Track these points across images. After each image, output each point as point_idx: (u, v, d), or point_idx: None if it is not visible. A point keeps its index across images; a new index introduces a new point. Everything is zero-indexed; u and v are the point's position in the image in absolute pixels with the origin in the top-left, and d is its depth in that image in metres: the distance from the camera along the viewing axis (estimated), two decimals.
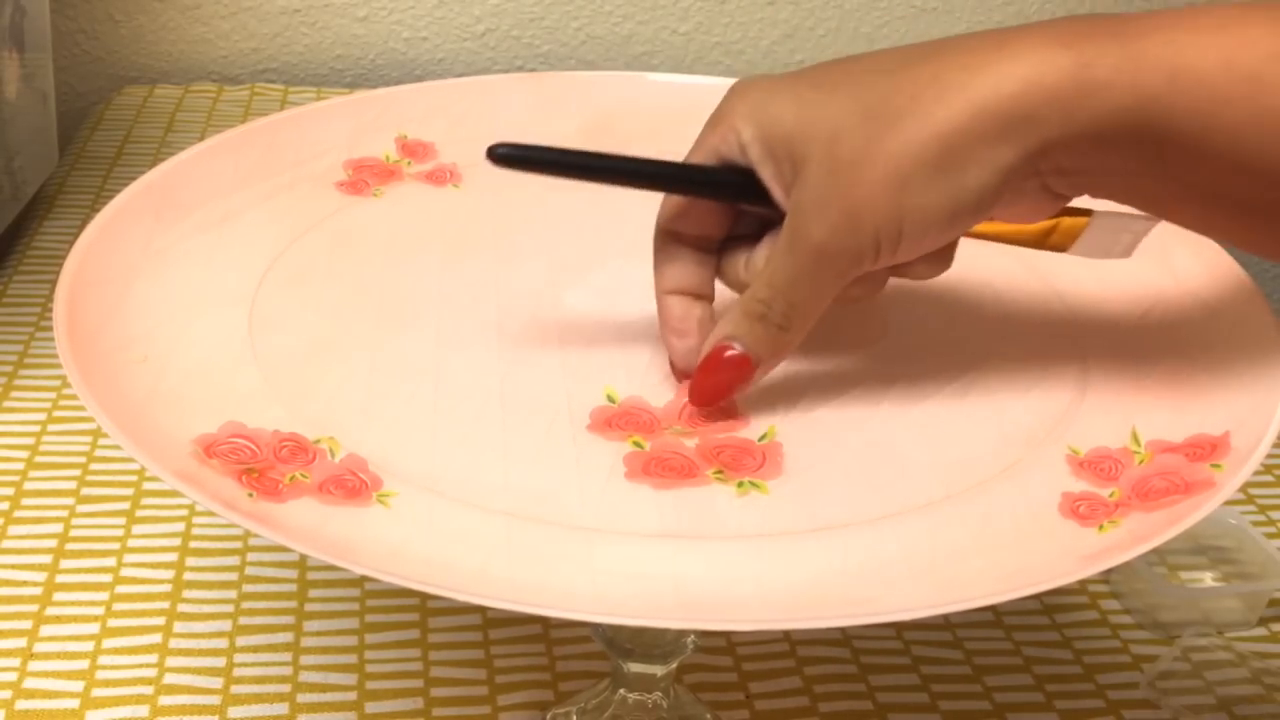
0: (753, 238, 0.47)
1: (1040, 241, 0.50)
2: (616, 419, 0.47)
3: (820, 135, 0.42)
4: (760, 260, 0.46)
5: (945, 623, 0.63)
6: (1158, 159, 0.42)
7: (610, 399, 0.47)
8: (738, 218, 0.48)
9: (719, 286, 0.49)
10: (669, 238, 0.48)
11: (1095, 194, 0.44)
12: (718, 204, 0.47)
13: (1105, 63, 0.41)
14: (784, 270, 0.44)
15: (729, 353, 0.45)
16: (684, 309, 0.48)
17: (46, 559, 0.62)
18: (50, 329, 0.69)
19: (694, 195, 0.47)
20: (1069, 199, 0.44)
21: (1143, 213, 0.45)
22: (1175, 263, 0.55)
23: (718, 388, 0.46)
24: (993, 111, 0.41)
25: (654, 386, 0.49)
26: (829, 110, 0.43)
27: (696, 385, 0.46)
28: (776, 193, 0.45)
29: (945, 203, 0.42)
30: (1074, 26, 0.42)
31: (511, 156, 0.45)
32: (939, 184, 0.41)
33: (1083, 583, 0.66)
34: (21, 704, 0.55)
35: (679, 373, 0.48)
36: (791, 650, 0.61)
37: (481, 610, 0.61)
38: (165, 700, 0.56)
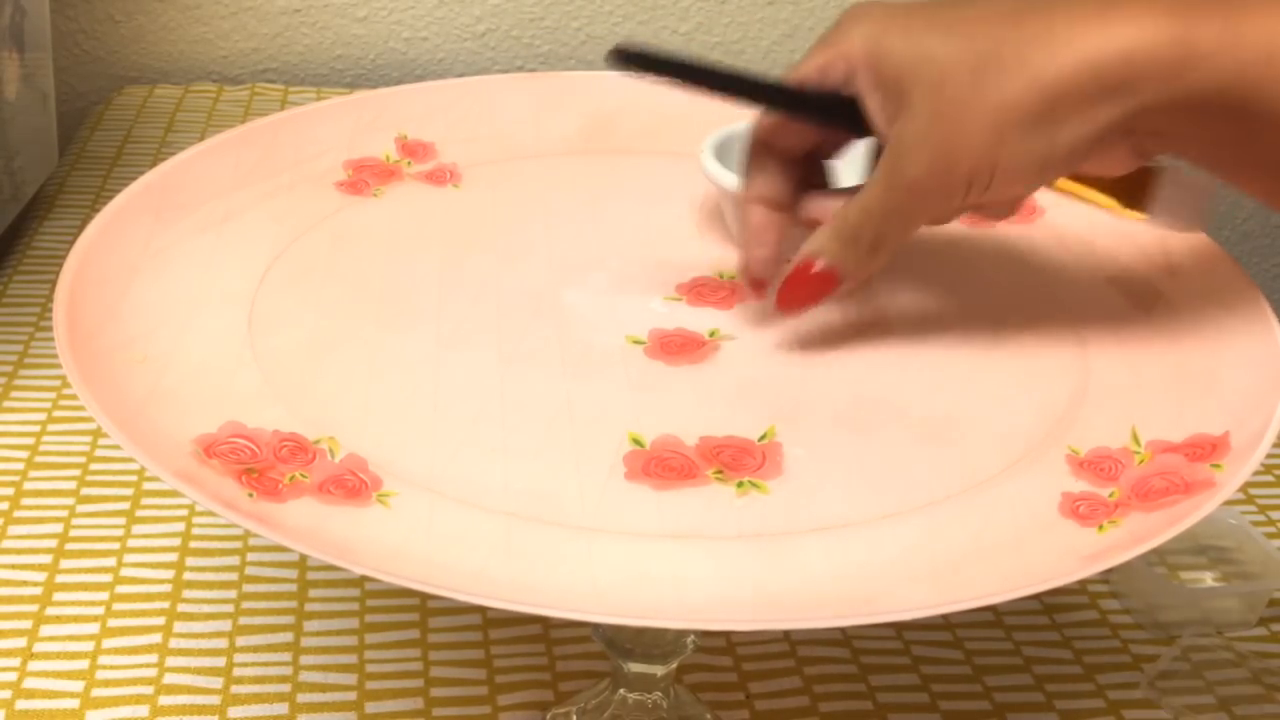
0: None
1: (1121, 197, 0.51)
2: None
3: (929, 77, 0.44)
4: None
5: (945, 623, 0.63)
6: (1247, 133, 0.43)
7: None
8: (828, 136, 0.50)
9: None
10: (761, 148, 0.50)
11: (1179, 156, 0.46)
12: (815, 124, 0.49)
13: (1208, 35, 0.42)
14: (879, 200, 0.46)
15: (817, 267, 0.48)
16: (764, 219, 0.50)
17: (46, 559, 0.62)
18: (50, 329, 0.69)
19: (799, 116, 0.49)
20: (1153, 157, 0.46)
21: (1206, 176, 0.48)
22: (1175, 263, 0.55)
23: (805, 298, 0.49)
24: (1096, 72, 0.43)
25: (654, 386, 0.49)
26: (940, 52, 0.44)
27: (784, 293, 0.49)
28: (878, 122, 0.46)
29: (1040, 154, 0.44)
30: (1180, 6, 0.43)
31: (632, 57, 0.47)
32: (1036, 136, 0.43)
33: (1083, 583, 0.66)
34: (21, 704, 0.55)
35: (752, 281, 0.51)
36: (791, 650, 0.61)
37: (481, 610, 0.61)
38: (165, 700, 0.56)
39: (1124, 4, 0.43)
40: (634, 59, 0.47)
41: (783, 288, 0.49)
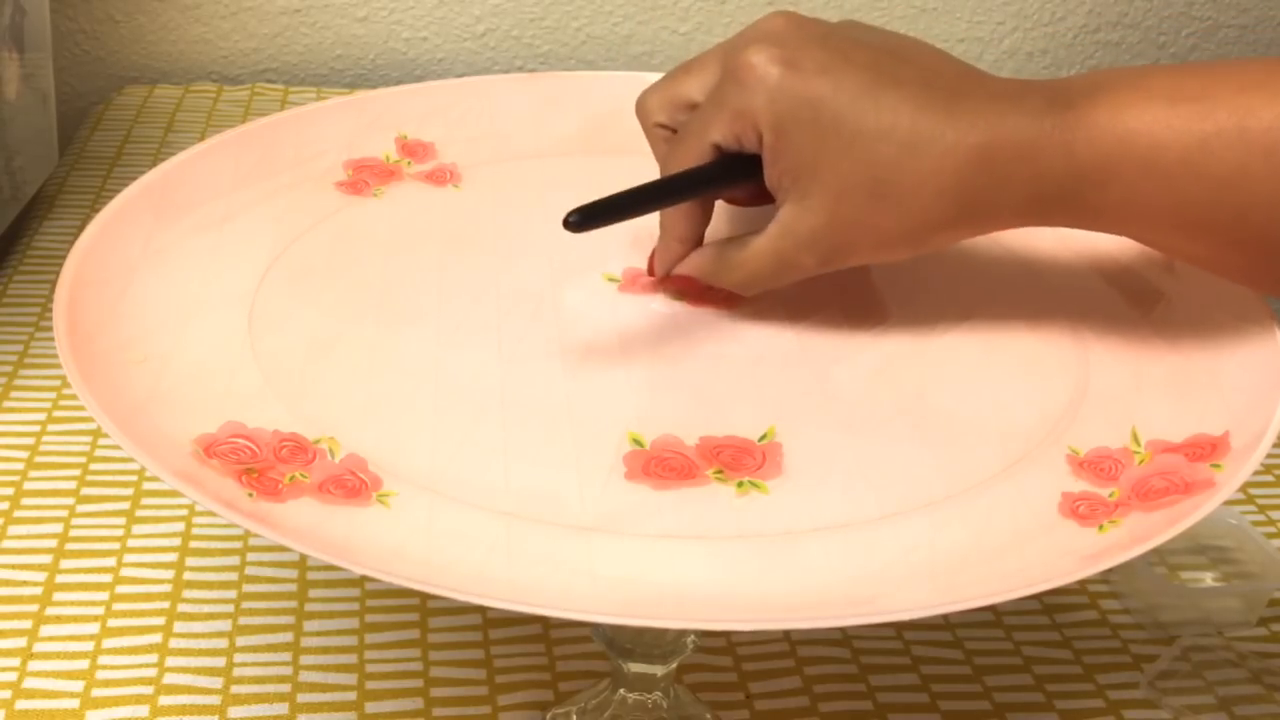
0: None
1: None
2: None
3: (830, 186, 0.48)
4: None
5: (945, 623, 0.63)
6: (1095, 221, 0.48)
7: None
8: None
9: None
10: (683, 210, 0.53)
11: None
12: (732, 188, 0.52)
13: (1051, 137, 0.46)
14: (765, 260, 0.50)
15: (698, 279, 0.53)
16: (681, 250, 0.53)
17: (46, 559, 0.62)
18: (50, 329, 0.69)
19: (720, 191, 0.52)
20: None
21: None
22: (1176, 263, 0.55)
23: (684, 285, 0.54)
24: (955, 198, 0.47)
25: (655, 385, 0.49)
26: (843, 165, 0.47)
27: (673, 281, 0.54)
28: (773, 183, 0.49)
29: (909, 255, 0.50)
30: (1022, 95, 0.47)
31: (587, 217, 0.49)
32: (911, 249, 0.49)
33: (1083, 583, 0.66)
34: (21, 704, 0.55)
35: (653, 268, 0.53)
36: (791, 650, 0.61)
37: (481, 610, 0.61)
38: (165, 700, 0.56)
39: (971, 115, 0.47)
40: (590, 217, 0.49)
41: (674, 279, 0.53)
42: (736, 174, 0.50)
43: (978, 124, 0.46)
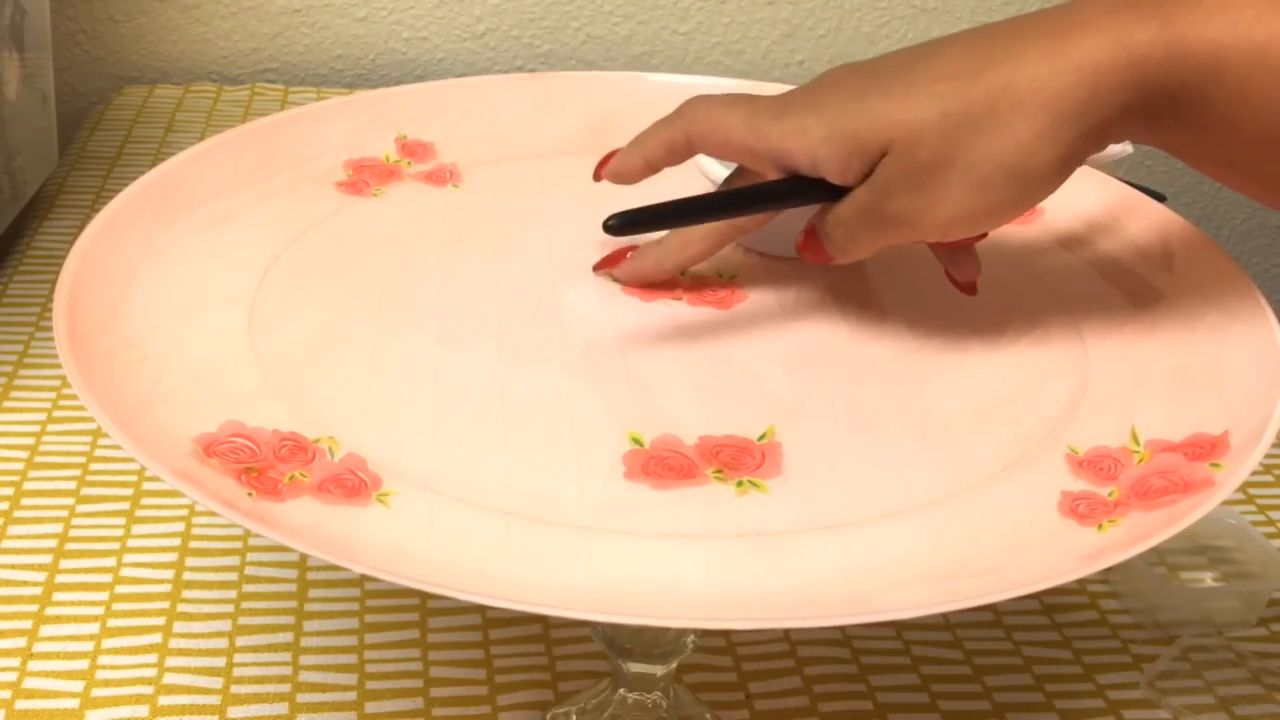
0: None
1: None
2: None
3: (900, 137, 0.46)
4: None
5: (945, 623, 0.63)
6: (1196, 133, 0.46)
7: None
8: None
9: None
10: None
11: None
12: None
13: (1152, 49, 0.45)
14: (858, 226, 0.49)
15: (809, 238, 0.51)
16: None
17: (46, 559, 0.62)
18: (50, 329, 0.69)
19: (769, 209, 0.51)
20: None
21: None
22: (1174, 262, 0.55)
23: (811, 255, 0.51)
24: (1061, 114, 0.45)
25: (655, 385, 0.49)
26: (905, 114, 0.46)
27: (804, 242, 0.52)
28: (843, 181, 0.49)
29: (1018, 197, 0.47)
30: (1119, 8, 0.46)
31: (625, 223, 0.49)
32: (1015, 184, 0.47)
33: (1083, 583, 0.66)
34: (21, 704, 0.55)
35: (603, 166, 0.53)
36: (791, 650, 0.61)
37: (481, 610, 0.61)
38: (165, 700, 0.56)
39: (1068, 34, 0.46)
40: (630, 224, 0.49)
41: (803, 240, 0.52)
42: (800, 195, 0.50)
43: (1066, 49, 0.45)
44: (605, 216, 0.48)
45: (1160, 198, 0.61)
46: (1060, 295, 0.55)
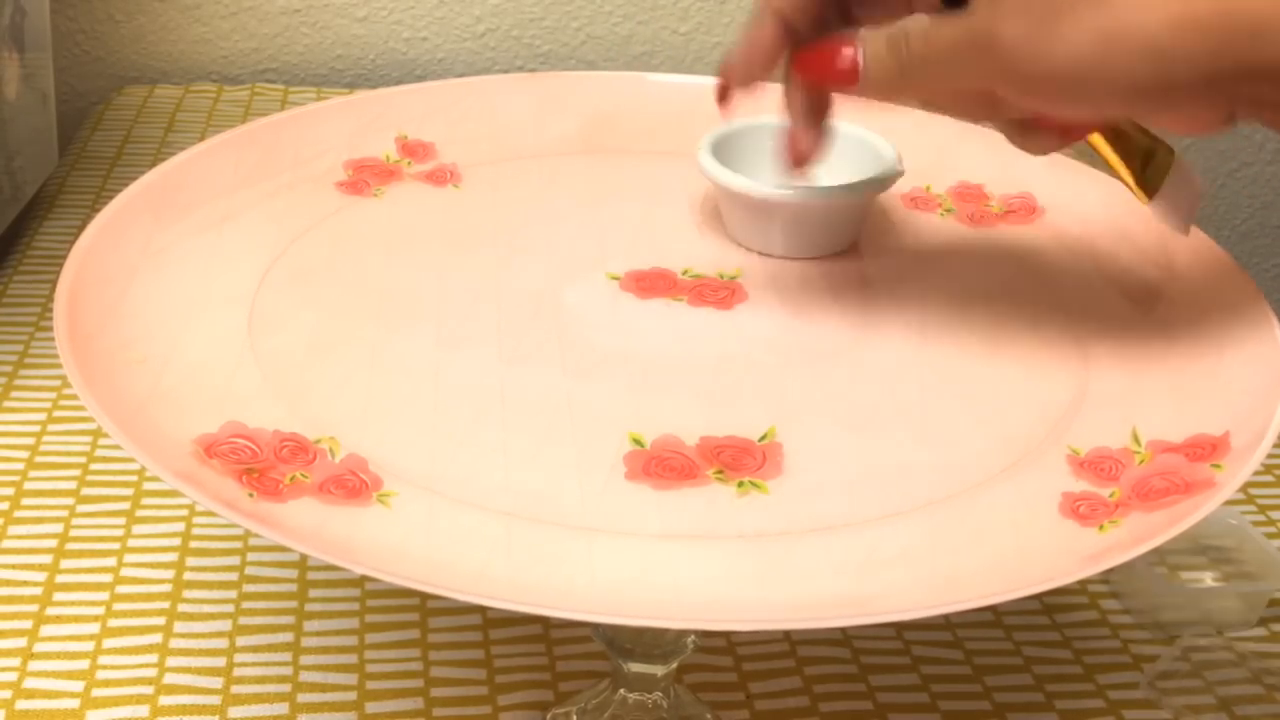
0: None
1: (1136, 173, 0.50)
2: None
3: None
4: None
5: (945, 623, 0.63)
6: None
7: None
8: None
9: None
10: None
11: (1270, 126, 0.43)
12: None
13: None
14: (946, 38, 0.43)
15: (847, 54, 0.45)
16: (772, 34, 0.48)
17: (46, 559, 0.62)
18: (50, 329, 0.69)
19: None
20: (1236, 123, 0.43)
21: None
22: (1175, 263, 0.55)
23: (817, 73, 0.46)
24: (1222, 17, 0.39)
25: (655, 385, 0.49)
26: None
27: (805, 56, 0.47)
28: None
29: (1141, 78, 0.40)
30: None
31: None
32: (1143, 62, 0.40)
33: (1083, 583, 0.66)
34: (21, 704, 0.55)
35: (723, 85, 0.49)
36: (791, 650, 0.61)
37: (481, 610, 0.61)
38: (165, 700, 0.56)
39: None
40: None
41: (806, 51, 0.47)
42: None
43: None
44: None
45: None
46: (1061, 295, 0.55)
